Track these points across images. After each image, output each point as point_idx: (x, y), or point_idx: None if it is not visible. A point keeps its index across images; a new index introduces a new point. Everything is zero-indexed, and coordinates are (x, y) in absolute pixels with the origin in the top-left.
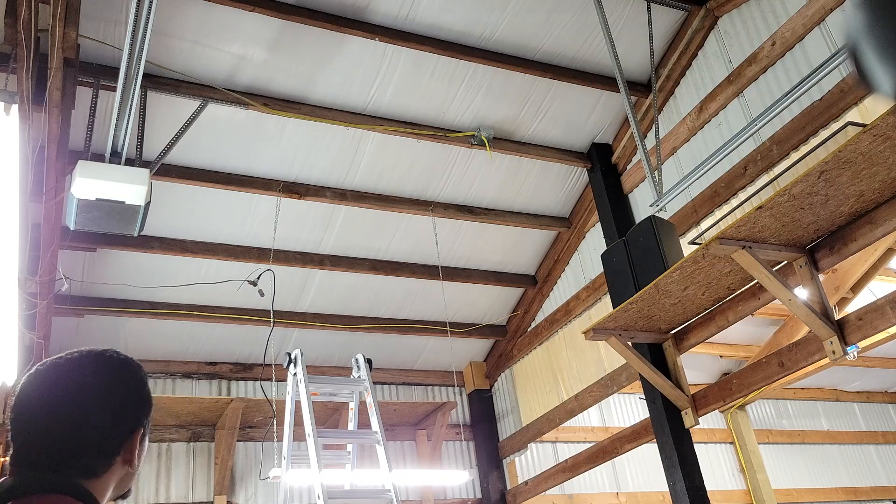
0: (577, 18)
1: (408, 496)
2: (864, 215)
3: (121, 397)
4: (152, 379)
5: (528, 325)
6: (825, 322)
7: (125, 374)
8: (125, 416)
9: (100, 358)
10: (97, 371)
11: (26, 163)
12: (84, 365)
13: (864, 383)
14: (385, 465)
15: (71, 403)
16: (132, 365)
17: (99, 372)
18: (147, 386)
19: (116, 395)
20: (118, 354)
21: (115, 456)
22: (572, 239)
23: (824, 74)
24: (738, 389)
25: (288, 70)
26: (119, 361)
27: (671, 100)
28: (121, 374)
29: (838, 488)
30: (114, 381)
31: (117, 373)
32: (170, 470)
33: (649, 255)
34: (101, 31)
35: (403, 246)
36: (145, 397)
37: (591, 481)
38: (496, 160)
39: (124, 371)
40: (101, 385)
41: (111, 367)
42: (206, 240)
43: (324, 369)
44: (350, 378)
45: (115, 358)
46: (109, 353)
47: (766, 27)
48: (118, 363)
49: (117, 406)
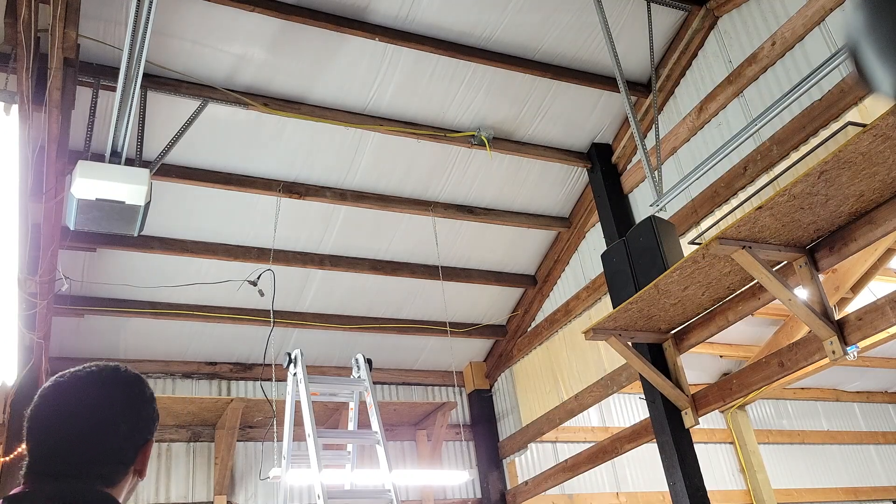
0: (577, 18)
1: (408, 496)
2: (864, 215)
3: (137, 411)
4: (152, 379)
5: (528, 325)
6: (825, 322)
7: (140, 389)
8: (140, 428)
9: (116, 373)
10: (116, 385)
11: (26, 163)
12: (103, 379)
13: (864, 383)
14: (385, 465)
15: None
16: (143, 381)
17: (118, 386)
18: (155, 401)
19: (134, 408)
20: (130, 371)
21: (130, 465)
22: (572, 239)
23: (824, 74)
24: (738, 389)
25: (288, 70)
26: (134, 377)
27: (671, 100)
28: (136, 389)
29: (838, 488)
30: (131, 395)
31: (134, 388)
32: (170, 470)
33: (649, 255)
34: (101, 31)
35: (403, 246)
36: (155, 411)
37: (591, 481)
38: (496, 160)
39: (139, 386)
40: (121, 399)
41: (128, 382)
42: (206, 240)
43: (324, 369)
44: (350, 378)
45: (129, 374)
46: (123, 368)
47: (766, 27)
48: (133, 379)
49: (134, 419)
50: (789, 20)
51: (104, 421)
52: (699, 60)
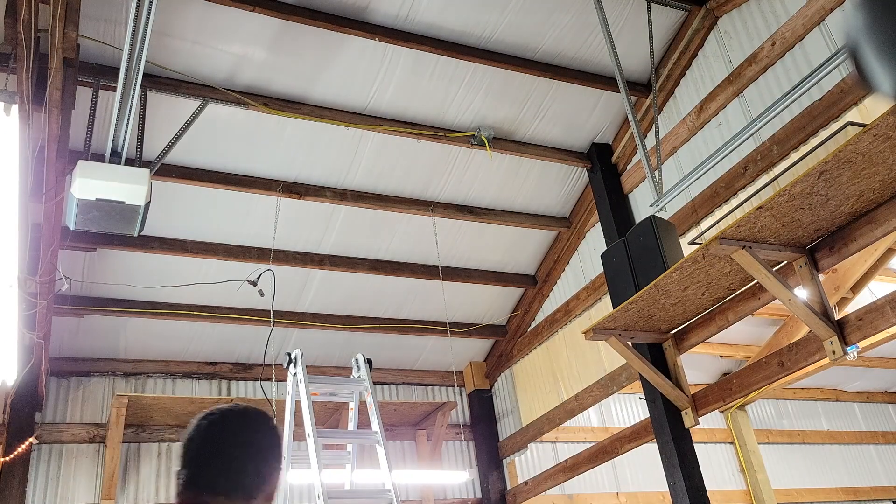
0: (577, 18)
1: (408, 496)
2: (864, 215)
3: (278, 445)
4: (152, 379)
5: (528, 325)
6: (825, 322)
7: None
8: (278, 458)
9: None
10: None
11: (26, 163)
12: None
13: (864, 383)
14: (385, 465)
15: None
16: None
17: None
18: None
19: (273, 443)
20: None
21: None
22: (572, 239)
23: (824, 74)
24: (738, 389)
25: (288, 70)
26: (271, 418)
27: (671, 100)
28: (274, 427)
29: (838, 488)
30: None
31: (272, 427)
32: (170, 470)
33: (649, 255)
34: (101, 31)
35: (403, 246)
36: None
37: (591, 481)
38: (496, 160)
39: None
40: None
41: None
42: (206, 240)
43: (324, 369)
44: (350, 378)
45: (267, 415)
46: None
47: (766, 27)
48: (271, 419)
49: (277, 451)
50: (789, 20)
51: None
52: (699, 60)
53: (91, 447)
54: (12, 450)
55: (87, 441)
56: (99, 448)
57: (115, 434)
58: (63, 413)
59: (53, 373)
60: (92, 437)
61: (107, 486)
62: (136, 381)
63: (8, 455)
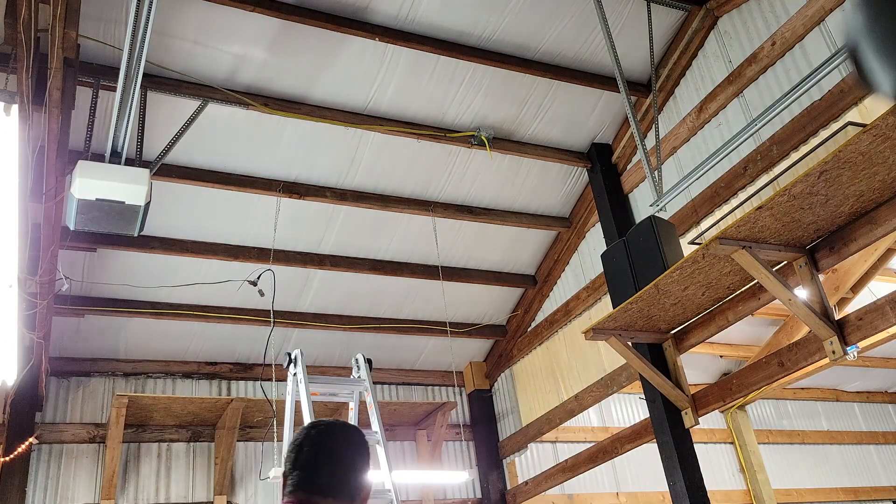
0: (577, 18)
1: (408, 496)
2: (864, 215)
3: (370, 455)
4: (152, 379)
5: (528, 325)
6: (825, 322)
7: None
8: (369, 467)
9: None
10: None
11: (26, 163)
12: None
13: (864, 383)
14: (385, 465)
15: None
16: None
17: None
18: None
19: (369, 454)
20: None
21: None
22: (572, 239)
23: (824, 74)
24: (738, 389)
25: (288, 70)
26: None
27: (671, 100)
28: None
29: (838, 488)
30: (367, 445)
31: (365, 439)
32: (170, 470)
33: (649, 255)
34: (101, 31)
35: (403, 246)
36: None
37: (591, 481)
38: (496, 160)
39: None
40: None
41: (363, 435)
42: (206, 240)
43: (324, 369)
44: (350, 378)
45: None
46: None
47: (766, 27)
48: (363, 433)
49: (369, 461)
50: (789, 20)
51: (355, 463)
52: (699, 60)
53: (91, 447)
54: (12, 450)
55: (87, 441)
56: (99, 448)
57: (115, 434)
58: (63, 413)
59: (53, 373)
60: (92, 437)
61: (107, 486)
62: (136, 381)
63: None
